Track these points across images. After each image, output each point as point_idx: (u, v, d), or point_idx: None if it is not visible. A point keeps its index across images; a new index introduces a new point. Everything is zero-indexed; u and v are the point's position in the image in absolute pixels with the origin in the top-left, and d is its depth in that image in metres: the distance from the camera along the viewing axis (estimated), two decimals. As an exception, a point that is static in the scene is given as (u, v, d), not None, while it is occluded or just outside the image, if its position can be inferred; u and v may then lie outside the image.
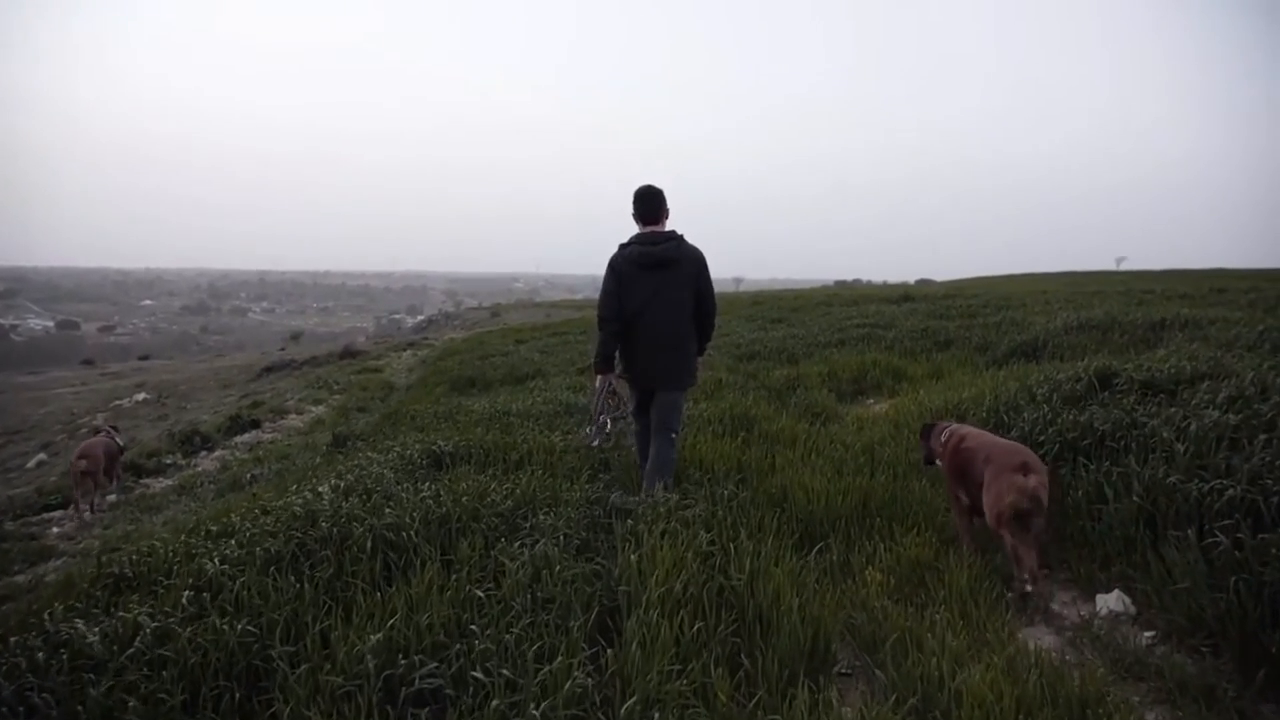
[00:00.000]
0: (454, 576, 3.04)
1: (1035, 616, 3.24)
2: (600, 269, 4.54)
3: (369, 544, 3.35)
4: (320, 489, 4.14)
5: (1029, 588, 3.29)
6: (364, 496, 3.98)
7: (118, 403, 23.55)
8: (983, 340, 10.39)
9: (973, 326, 11.82)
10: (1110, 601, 3.23)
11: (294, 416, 12.62)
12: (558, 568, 3.05)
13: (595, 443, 4.99)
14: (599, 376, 4.63)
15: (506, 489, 4.15)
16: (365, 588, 3.04)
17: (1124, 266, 53.36)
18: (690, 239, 4.45)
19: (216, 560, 3.26)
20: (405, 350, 26.93)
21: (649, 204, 4.41)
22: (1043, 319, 11.55)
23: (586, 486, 4.35)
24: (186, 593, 2.98)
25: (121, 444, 9.01)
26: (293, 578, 3.08)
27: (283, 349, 43.34)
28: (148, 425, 18.19)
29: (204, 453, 10.15)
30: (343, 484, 4.25)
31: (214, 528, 3.82)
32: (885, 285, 47.39)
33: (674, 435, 4.48)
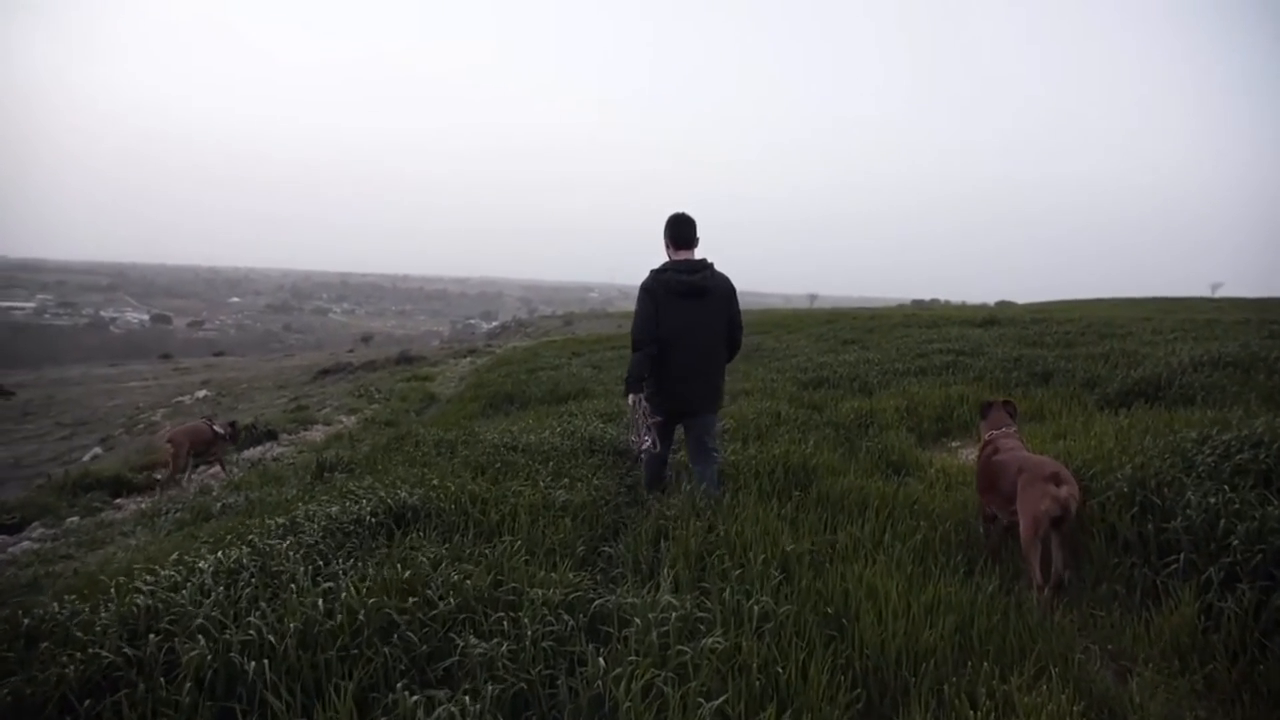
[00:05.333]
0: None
1: None
2: None
3: (195, 681, 2.18)
4: (200, 564, 3.04)
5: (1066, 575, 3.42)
6: (249, 582, 2.86)
7: (180, 399, 23.69)
8: (1088, 374, 8.71)
9: (1074, 357, 10.13)
10: None
11: (319, 428, 11.84)
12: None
13: (646, 446, 4.85)
14: (631, 395, 4.67)
15: (458, 576, 3.01)
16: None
17: (1220, 293, 48.92)
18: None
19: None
20: (465, 357, 26.39)
21: (686, 229, 4.50)
22: (1159, 351, 9.83)
23: (571, 576, 3.15)
24: None
25: (220, 431, 9.34)
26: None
27: (351, 350, 43.84)
28: (196, 425, 18.01)
29: (203, 467, 9.40)
30: (234, 556, 3.13)
31: (28, 619, 2.71)
32: (965, 306, 44.65)
33: (716, 455, 4.80)
